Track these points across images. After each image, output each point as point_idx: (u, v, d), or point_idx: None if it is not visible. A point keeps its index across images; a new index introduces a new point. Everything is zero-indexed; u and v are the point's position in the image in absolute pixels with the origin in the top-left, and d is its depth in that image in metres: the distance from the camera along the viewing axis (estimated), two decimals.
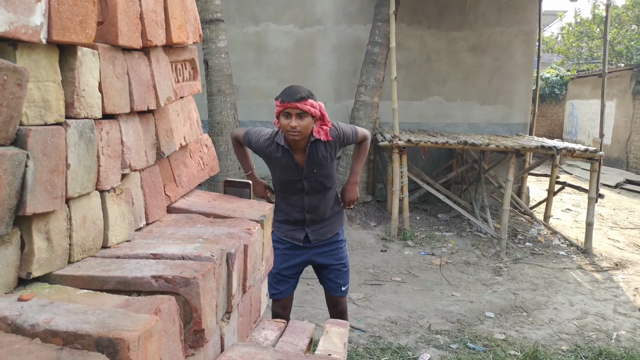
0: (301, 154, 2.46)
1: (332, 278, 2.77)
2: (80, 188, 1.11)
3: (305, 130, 2.31)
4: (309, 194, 2.56)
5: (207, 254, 1.17)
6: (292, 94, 2.27)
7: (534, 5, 7.46)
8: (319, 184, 2.55)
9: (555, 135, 15.37)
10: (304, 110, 2.27)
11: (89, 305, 0.93)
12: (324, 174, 2.52)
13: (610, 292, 4.67)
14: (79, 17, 1.02)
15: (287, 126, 2.30)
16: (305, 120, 2.29)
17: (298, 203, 2.59)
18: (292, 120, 2.28)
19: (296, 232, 2.68)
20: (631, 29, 16.73)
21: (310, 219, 2.64)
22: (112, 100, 1.20)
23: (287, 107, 2.27)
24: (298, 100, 2.25)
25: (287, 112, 2.29)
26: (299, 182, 2.52)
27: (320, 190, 2.58)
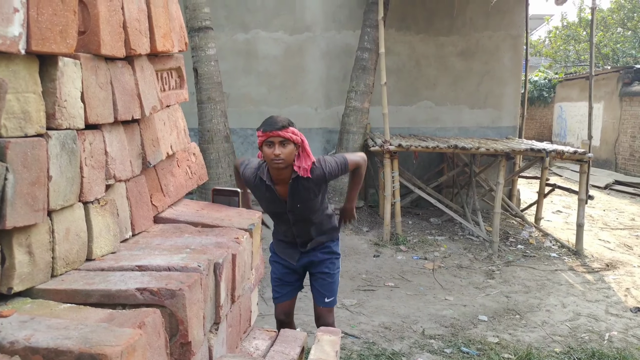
0: (284, 187, 2.50)
1: (317, 287, 2.81)
2: (62, 200, 1.09)
3: (288, 158, 2.36)
4: (296, 224, 2.62)
5: (193, 265, 1.16)
6: (273, 123, 2.32)
7: (521, 10, 7.54)
8: (305, 217, 2.59)
9: (544, 138, 15.50)
10: (286, 138, 2.32)
11: (71, 320, 0.91)
12: (309, 208, 2.55)
13: (602, 293, 4.69)
14: (59, 27, 1.01)
15: (271, 155, 2.33)
16: (287, 147, 2.34)
17: (287, 230, 2.68)
18: (275, 149, 2.32)
19: (291, 251, 2.76)
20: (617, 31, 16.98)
21: (302, 241, 2.72)
22: (95, 110, 1.19)
23: (270, 136, 2.31)
24: (279, 129, 2.30)
25: (269, 141, 2.33)
26: (284, 214, 2.58)
27: (306, 221, 2.62)
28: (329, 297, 2.81)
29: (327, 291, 2.80)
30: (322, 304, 2.80)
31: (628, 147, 11.39)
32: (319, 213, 2.64)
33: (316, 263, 2.78)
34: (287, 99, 7.52)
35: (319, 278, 2.79)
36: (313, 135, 7.53)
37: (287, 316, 2.82)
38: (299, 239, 2.69)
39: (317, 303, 2.82)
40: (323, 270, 2.78)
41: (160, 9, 1.44)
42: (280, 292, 2.78)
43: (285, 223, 2.63)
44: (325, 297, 2.80)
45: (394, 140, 6.20)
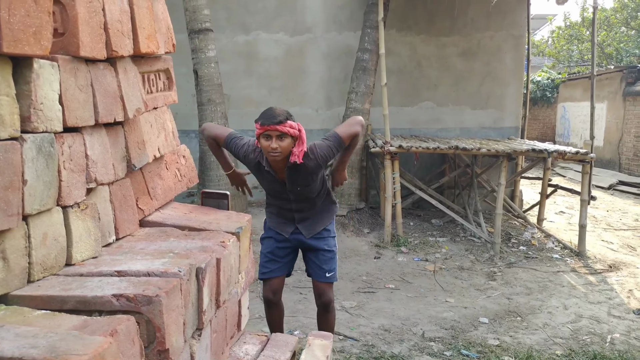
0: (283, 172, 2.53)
1: (317, 262, 2.77)
2: (39, 204, 1.07)
3: (285, 151, 2.38)
4: (296, 201, 2.63)
5: (174, 270, 1.13)
6: (271, 116, 2.32)
7: (522, 10, 7.49)
8: (305, 196, 2.62)
9: (547, 138, 15.40)
10: (283, 132, 2.32)
11: (42, 328, 0.89)
12: (309, 189, 2.59)
13: (604, 295, 4.63)
14: (32, 28, 0.99)
15: (268, 147, 2.35)
16: (285, 141, 2.35)
17: (286, 206, 2.66)
18: (273, 142, 2.33)
19: (286, 225, 2.74)
20: (620, 31, 16.88)
21: (300, 217, 2.71)
22: (75, 112, 1.17)
23: (267, 129, 2.32)
24: (277, 123, 2.31)
25: (267, 134, 2.34)
26: (284, 193, 2.59)
27: (307, 198, 2.64)
28: (330, 271, 2.78)
29: (327, 265, 2.77)
30: (323, 279, 2.76)
31: (632, 147, 11.29)
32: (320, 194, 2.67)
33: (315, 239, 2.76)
34: (288, 100, 7.50)
35: (318, 254, 2.77)
36: (314, 137, 7.44)
37: (275, 294, 2.74)
38: (297, 214, 2.69)
39: (317, 279, 2.78)
40: (322, 247, 2.77)
41: (144, 10, 1.42)
42: (270, 267, 2.71)
43: (285, 199, 2.63)
44: (326, 271, 2.77)
45: (395, 142, 6.17)
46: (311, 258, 2.81)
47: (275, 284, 2.74)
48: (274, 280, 2.73)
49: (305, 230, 2.73)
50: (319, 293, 2.81)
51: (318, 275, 2.78)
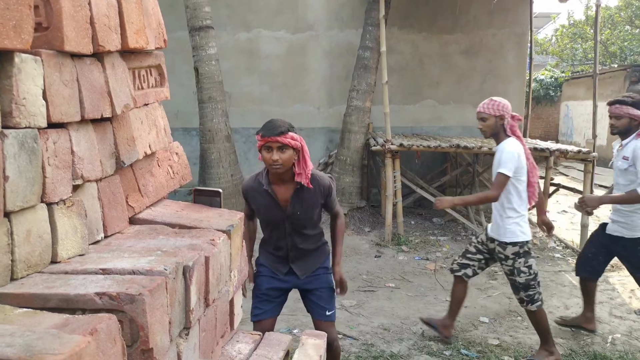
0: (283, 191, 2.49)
1: (315, 301, 2.71)
2: (22, 201, 1.06)
3: (286, 163, 2.35)
4: (292, 234, 2.58)
5: (159, 268, 1.12)
6: (272, 128, 2.31)
7: (525, 7, 7.43)
8: (301, 227, 2.58)
9: (550, 137, 15.32)
10: (284, 144, 2.30)
11: (21, 326, 0.88)
12: (307, 217, 2.55)
13: (606, 295, 4.60)
14: (12, 21, 0.97)
15: (269, 159, 2.33)
16: (286, 153, 2.33)
17: (281, 242, 2.62)
18: (274, 154, 2.31)
19: (280, 265, 2.69)
20: (624, 29, 16.76)
21: (294, 255, 2.66)
22: (59, 108, 1.15)
23: (268, 141, 2.30)
24: (278, 135, 2.29)
25: (268, 146, 2.32)
26: (281, 222, 2.55)
27: (302, 231, 2.60)
28: (330, 309, 2.72)
29: (327, 304, 2.71)
30: (324, 318, 2.70)
31: None
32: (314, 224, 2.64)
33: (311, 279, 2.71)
34: (290, 98, 7.48)
35: (317, 293, 2.71)
36: (315, 135, 7.49)
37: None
38: (292, 252, 2.64)
39: (318, 318, 2.72)
40: (320, 286, 2.71)
41: (132, 4, 1.40)
42: (263, 308, 2.64)
43: (281, 232, 2.58)
44: (327, 309, 2.70)
45: (396, 140, 6.14)
46: (309, 297, 2.74)
47: (266, 325, 2.65)
48: (266, 322, 2.64)
49: (300, 270, 2.67)
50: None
51: (318, 315, 2.72)
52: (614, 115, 3.36)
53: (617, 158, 3.43)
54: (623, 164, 3.32)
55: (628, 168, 3.28)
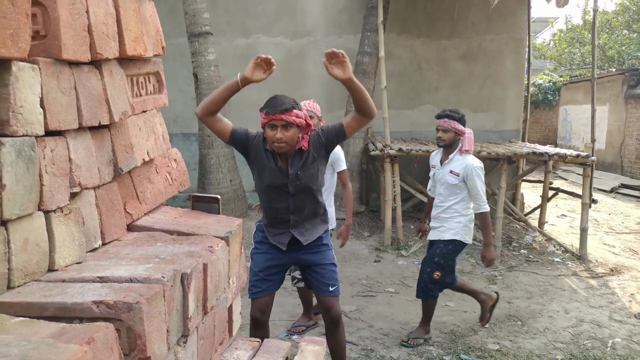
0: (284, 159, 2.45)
1: (318, 278, 2.69)
2: (19, 209, 1.05)
3: (291, 141, 2.30)
4: (295, 195, 2.51)
5: (157, 276, 1.11)
6: (276, 105, 2.25)
7: (523, 13, 7.46)
8: (305, 186, 2.50)
9: (549, 141, 15.33)
10: (289, 122, 2.25)
11: (17, 336, 0.87)
12: (309, 174, 2.48)
13: (606, 299, 4.59)
14: (9, 30, 0.97)
15: (273, 137, 2.27)
16: (290, 131, 2.27)
17: (283, 204, 2.54)
18: (278, 132, 2.25)
19: (281, 235, 2.62)
20: (622, 33, 16.83)
21: (295, 220, 2.58)
22: (57, 116, 1.15)
23: (272, 118, 2.25)
24: (283, 112, 2.23)
25: (272, 123, 2.27)
26: (284, 185, 2.48)
27: (305, 192, 2.53)
28: (333, 285, 2.72)
29: (330, 279, 2.71)
30: (328, 293, 2.69)
31: (634, 150, 11.23)
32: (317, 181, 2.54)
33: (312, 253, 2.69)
34: None
35: (319, 269, 2.70)
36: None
37: (263, 313, 2.64)
38: (293, 215, 2.56)
39: (322, 294, 2.71)
40: (322, 262, 2.69)
41: (130, 12, 1.40)
42: (260, 287, 2.60)
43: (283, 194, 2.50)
44: (330, 285, 2.70)
45: (395, 145, 6.14)
46: (312, 274, 2.73)
47: (264, 302, 2.64)
48: (263, 299, 2.62)
49: (302, 236, 2.61)
50: (327, 308, 2.73)
51: (322, 290, 2.70)
52: (442, 128, 3.46)
53: (441, 170, 3.58)
54: (453, 179, 3.48)
55: (458, 183, 3.47)
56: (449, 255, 3.60)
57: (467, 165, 3.44)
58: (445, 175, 3.52)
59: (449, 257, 3.62)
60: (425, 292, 3.66)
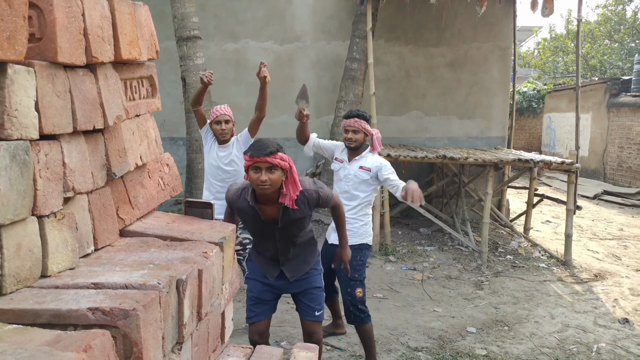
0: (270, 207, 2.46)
1: (305, 302, 2.75)
2: (12, 214, 1.03)
3: (275, 184, 2.31)
4: (281, 241, 2.58)
5: (153, 282, 1.10)
6: (261, 148, 2.27)
7: (508, 21, 7.59)
8: (291, 234, 2.58)
9: (533, 148, 15.57)
10: (273, 164, 2.27)
11: (12, 344, 0.85)
12: (297, 228, 2.56)
13: (590, 304, 4.66)
14: (6, 32, 0.96)
15: (257, 180, 2.28)
16: (275, 173, 2.29)
17: (271, 247, 2.62)
18: (262, 175, 2.27)
19: (271, 268, 2.70)
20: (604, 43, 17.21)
21: (284, 259, 2.67)
22: (52, 120, 1.14)
23: (257, 161, 2.26)
24: (267, 155, 2.25)
25: (256, 166, 2.28)
26: (271, 235, 2.55)
27: (292, 237, 2.60)
28: (319, 310, 2.77)
29: (317, 304, 2.76)
30: (313, 318, 2.74)
31: (616, 158, 11.46)
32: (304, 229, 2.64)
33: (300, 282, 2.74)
34: (277, 109, 7.49)
35: (307, 294, 2.75)
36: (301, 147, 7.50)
37: (262, 337, 2.71)
38: (282, 256, 2.65)
39: (306, 318, 2.76)
40: (310, 286, 2.75)
41: (126, 15, 1.39)
42: (256, 311, 2.68)
43: (270, 240, 2.59)
44: (315, 310, 2.75)
45: (383, 150, 6.18)
46: (300, 298, 2.78)
47: (262, 326, 2.70)
48: (261, 323, 2.69)
49: (290, 273, 2.69)
50: (309, 333, 2.78)
51: (307, 315, 2.75)
52: (352, 129, 3.28)
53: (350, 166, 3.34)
54: (364, 174, 3.28)
55: (369, 179, 3.28)
56: (362, 265, 3.32)
57: (379, 161, 3.29)
58: (354, 170, 3.30)
59: (363, 267, 3.33)
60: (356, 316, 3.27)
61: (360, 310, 3.23)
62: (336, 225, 2.85)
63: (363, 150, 3.34)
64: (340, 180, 3.38)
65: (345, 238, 2.85)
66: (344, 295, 3.26)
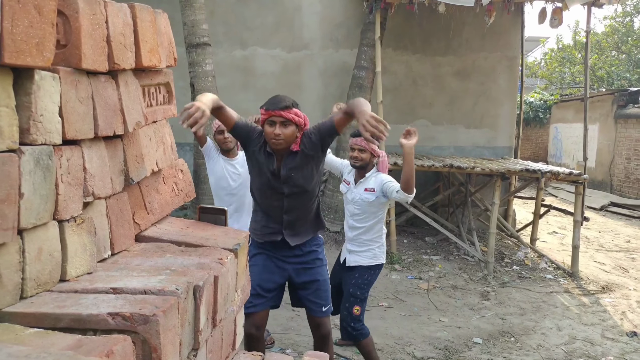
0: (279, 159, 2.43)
1: (311, 298, 2.66)
2: (35, 218, 1.05)
3: (288, 139, 2.30)
4: (289, 196, 2.50)
5: (171, 288, 1.11)
6: (276, 102, 2.27)
7: (516, 32, 7.61)
8: (299, 187, 2.47)
9: (540, 159, 15.53)
10: (288, 119, 2.26)
11: (35, 347, 0.86)
12: (303, 175, 2.45)
13: (598, 317, 4.62)
14: (35, 39, 0.98)
15: (271, 134, 2.28)
16: (289, 128, 2.28)
17: (277, 204, 2.52)
18: (276, 128, 2.27)
19: (273, 233, 2.60)
20: (611, 54, 17.21)
21: (288, 220, 2.55)
22: (74, 125, 1.15)
23: (272, 115, 2.26)
24: (282, 109, 2.25)
25: (271, 120, 2.28)
26: (279, 185, 2.47)
27: (299, 193, 2.50)
28: (326, 305, 2.68)
29: (323, 299, 2.66)
30: (321, 314, 2.65)
31: (623, 169, 11.41)
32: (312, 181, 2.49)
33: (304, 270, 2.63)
34: None
35: (312, 287, 2.65)
36: None
37: (258, 329, 2.60)
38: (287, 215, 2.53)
39: (314, 314, 2.67)
40: (315, 278, 2.64)
41: (147, 23, 1.41)
42: (254, 302, 2.54)
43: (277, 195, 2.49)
44: (323, 305, 2.66)
45: (390, 159, 6.18)
46: (304, 292, 2.68)
47: (258, 318, 2.59)
48: (257, 315, 2.58)
49: (291, 239, 2.56)
50: (317, 324, 2.70)
51: (314, 311, 2.66)
52: (359, 147, 3.16)
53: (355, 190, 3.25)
54: (369, 196, 3.16)
55: (375, 200, 3.17)
56: (368, 284, 3.23)
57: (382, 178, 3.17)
58: (359, 194, 3.21)
59: (368, 286, 3.24)
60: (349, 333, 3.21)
61: (353, 328, 3.18)
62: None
63: (369, 171, 3.23)
64: (349, 203, 3.32)
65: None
66: (341, 310, 3.22)
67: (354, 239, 3.27)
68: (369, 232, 3.22)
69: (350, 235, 3.29)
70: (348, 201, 3.32)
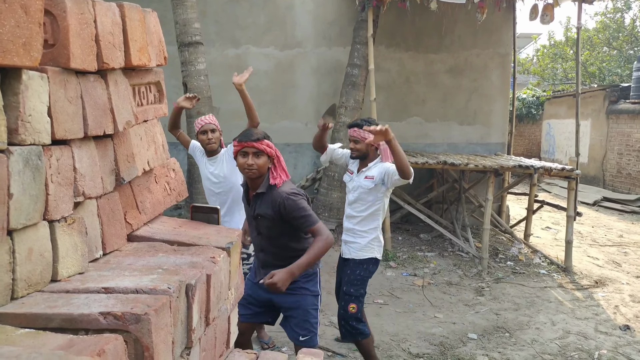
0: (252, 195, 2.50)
1: (290, 324, 2.64)
2: (25, 219, 1.04)
3: (261, 169, 2.38)
4: (260, 234, 2.56)
5: (163, 287, 1.11)
6: (249, 135, 2.38)
7: (508, 28, 7.64)
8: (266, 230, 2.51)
9: (533, 154, 15.61)
10: (260, 150, 2.35)
11: (26, 348, 0.86)
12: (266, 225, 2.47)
13: (591, 311, 4.66)
14: (22, 39, 0.97)
15: (244, 164, 2.37)
16: (261, 159, 2.37)
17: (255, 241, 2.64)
18: (249, 159, 2.35)
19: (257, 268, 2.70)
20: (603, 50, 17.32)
21: (264, 259, 2.59)
22: (64, 125, 1.14)
23: (245, 146, 2.36)
24: (254, 140, 2.35)
25: (244, 151, 2.37)
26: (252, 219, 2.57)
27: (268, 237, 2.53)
28: (304, 335, 2.59)
29: (301, 329, 2.59)
30: (298, 342, 2.61)
31: (615, 164, 11.49)
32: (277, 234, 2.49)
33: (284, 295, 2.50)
34: (278, 114, 7.52)
35: (292, 313, 2.61)
36: (303, 151, 7.52)
37: (242, 335, 2.55)
38: (262, 254, 2.59)
39: (292, 340, 2.68)
40: (295, 306, 2.59)
41: (136, 22, 1.41)
42: (242, 312, 2.56)
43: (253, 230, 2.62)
44: (300, 335, 2.59)
45: None
46: (284, 318, 2.68)
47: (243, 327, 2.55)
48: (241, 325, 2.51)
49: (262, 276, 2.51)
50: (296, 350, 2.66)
51: (292, 338, 2.65)
52: (353, 139, 3.18)
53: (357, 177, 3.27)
54: (369, 183, 3.17)
55: (374, 186, 3.16)
56: (361, 281, 3.17)
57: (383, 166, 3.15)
58: (360, 181, 3.22)
59: (362, 283, 3.18)
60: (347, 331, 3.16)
61: (351, 327, 3.14)
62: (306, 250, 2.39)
63: (371, 161, 3.24)
64: (350, 191, 3.34)
65: (299, 264, 2.30)
66: (339, 309, 3.21)
67: (350, 229, 3.29)
68: (365, 222, 3.23)
69: (347, 225, 3.32)
70: (349, 190, 3.35)
